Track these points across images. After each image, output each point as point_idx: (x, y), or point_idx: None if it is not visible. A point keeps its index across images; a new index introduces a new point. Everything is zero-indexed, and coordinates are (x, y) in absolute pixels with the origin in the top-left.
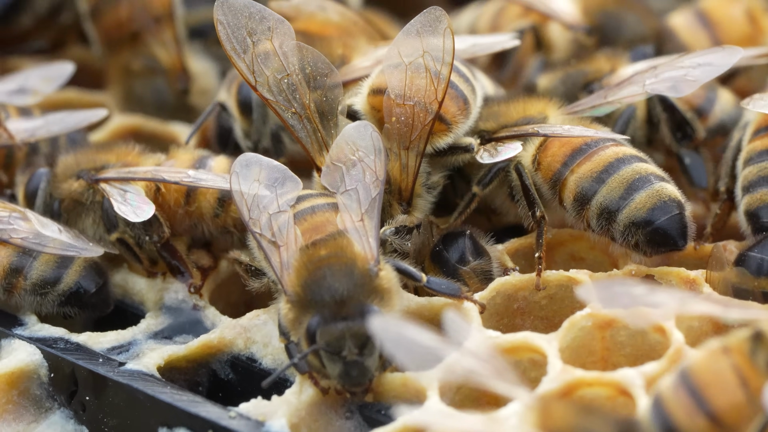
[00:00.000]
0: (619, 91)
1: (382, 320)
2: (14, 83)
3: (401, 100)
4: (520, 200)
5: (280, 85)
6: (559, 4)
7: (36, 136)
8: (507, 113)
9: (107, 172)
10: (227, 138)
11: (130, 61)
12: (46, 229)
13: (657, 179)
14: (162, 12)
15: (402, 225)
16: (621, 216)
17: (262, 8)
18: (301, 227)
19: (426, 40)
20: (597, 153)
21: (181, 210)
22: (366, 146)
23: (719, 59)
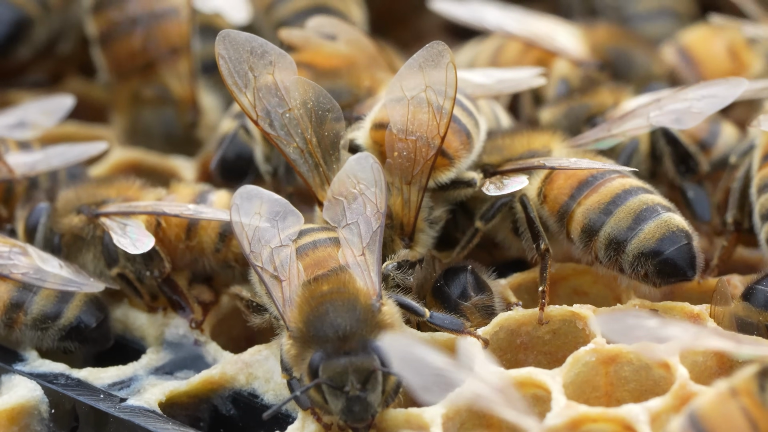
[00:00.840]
0: (623, 124)
1: (393, 338)
2: (14, 117)
3: (403, 134)
4: (525, 233)
5: (281, 119)
6: (564, 41)
7: (36, 170)
8: (511, 147)
9: (108, 206)
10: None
11: (141, 90)
12: (47, 264)
13: (664, 209)
14: (179, 44)
15: (404, 260)
16: (630, 247)
17: (264, 42)
18: (303, 262)
19: (428, 74)
20: (603, 185)
21: (182, 245)
22: (366, 178)
23: (724, 91)
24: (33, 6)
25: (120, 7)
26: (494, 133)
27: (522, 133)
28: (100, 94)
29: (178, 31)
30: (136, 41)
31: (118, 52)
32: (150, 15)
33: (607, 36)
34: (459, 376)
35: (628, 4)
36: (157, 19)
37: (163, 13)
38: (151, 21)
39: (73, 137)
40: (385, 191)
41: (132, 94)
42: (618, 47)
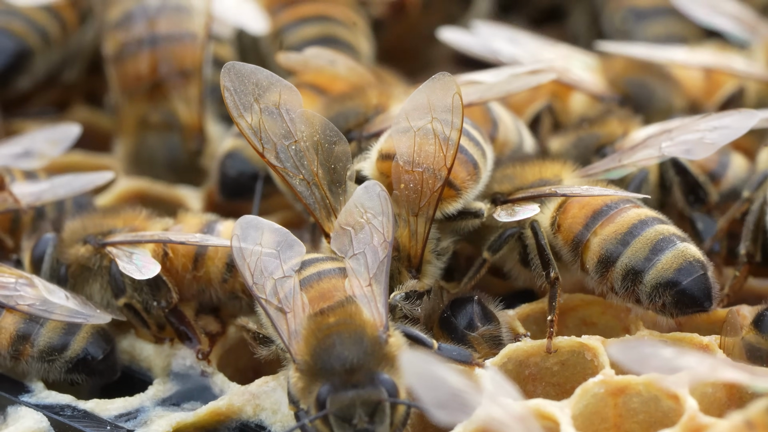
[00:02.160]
0: (634, 155)
1: (411, 354)
2: (20, 146)
3: (410, 166)
4: (534, 260)
5: (287, 151)
6: (581, 73)
7: (42, 200)
8: (522, 175)
9: (114, 236)
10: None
11: (148, 114)
12: (53, 295)
13: (680, 240)
14: (191, 67)
15: (412, 290)
16: (647, 277)
17: (270, 74)
18: (308, 294)
19: (435, 105)
20: (619, 214)
21: (189, 275)
22: (374, 207)
23: (736, 122)
24: (33, 37)
25: (138, 26)
26: (505, 161)
27: (533, 162)
28: (107, 123)
29: (192, 55)
30: (149, 61)
31: (130, 70)
32: (167, 36)
33: (625, 67)
34: (476, 398)
35: (636, 29)
36: (173, 41)
37: (180, 36)
38: (167, 42)
39: (79, 166)
40: (392, 220)
41: (139, 118)
42: (637, 79)
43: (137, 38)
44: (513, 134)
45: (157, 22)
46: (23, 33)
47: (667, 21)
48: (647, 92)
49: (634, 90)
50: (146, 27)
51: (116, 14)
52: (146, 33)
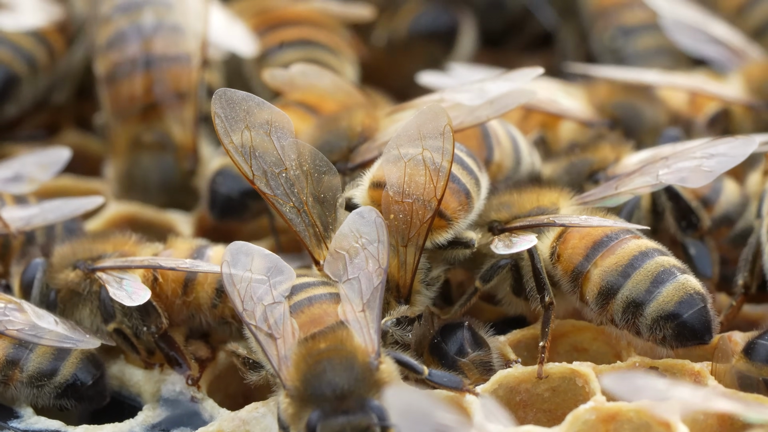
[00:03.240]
0: (631, 182)
1: (396, 390)
2: (9, 170)
3: (400, 197)
4: (529, 282)
5: (277, 179)
6: (568, 103)
7: (32, 225)
8: (519, 203)
9: (104, 261)
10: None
11: (141, 134)
12: (42, 320)
13: (680, 272)
14: (187, 89)
15: (403, 316)
16: (648, 310)
17: (261, 101)
18: (299, 319)
19: (425, 135)
20: (620, 246)
21: (178, 300)
22: (369, 233)
23: (734, 150)
24: (20, 65)
25: (132, 46)
26: (502, 188)
27: (530, 189)
28: (97, 147)
29: (187, 76)
30: (144, 82)
31: (124, 91)
32: (162, 57)
33: (609, 92)
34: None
35: (626, 44)
36: (168, 62)
37: (176, 57)
38: (163, 63)
39: (69, 191)
40: (387, 247)
41: (131, 139)
42: (624, 102)
43: (131, 59)
44: (509, 158)
45: (152, 42)
46: (9, 60)
47: (655, 35)
48: (636, 114)
49: (622, 113)
50: (141, 47)
51: (109, 34)
52: (141, 53)
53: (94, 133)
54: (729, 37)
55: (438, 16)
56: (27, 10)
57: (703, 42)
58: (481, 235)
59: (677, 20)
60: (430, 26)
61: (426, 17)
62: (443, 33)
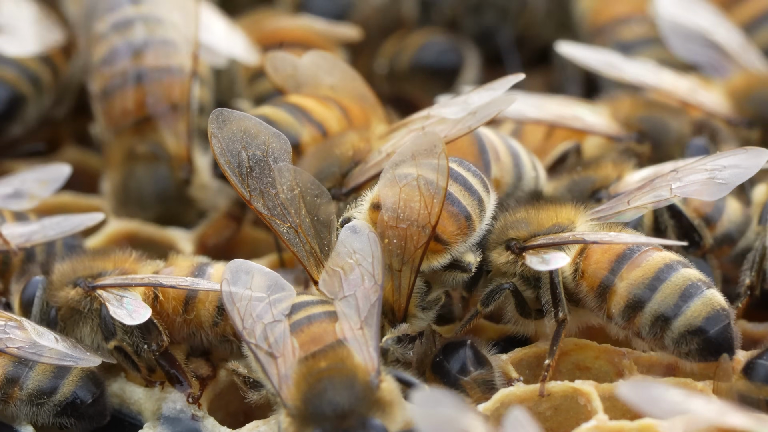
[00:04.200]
0: (644, 196)
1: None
2: (10, 187)
3: (394, 222)
4: (545, 295)
5: (274, 200)
6: (594, 119)
7: (32, 241)
8: (538, 220)
9: (104, 279)
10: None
11: (135, 145)
12: (43, 338)
13: (706, 286)
14: (180, 101)
15: (404, 334)
16: (676, 324)
17: (258, 122)
18: (299, 338)
19: (421, 161)
20: (643, 258)
21: (179, 318)
22: (363, 249)
23: (746, 161)
24: (25, 85)
25: (123, 61)
26: (517, 205)
27: (546, 206)
28: (97, 163)
29: (180, 88)
30: (136, 96)
31: (117, 106)
32: (154, 71)
33: (632, 107)
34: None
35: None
36: (160, 75)
37: (168, 70)
38: (154, 77)
39: (68, 208)
40: (382, 263)
41: (126, 151)
42: (649, 116)
43: (123, 73)
44: (509, 174)
45: (143, 56)
46: (15, 81)
47: (653, 49)
48: (662, 126)
49: (649, 126)
50: (132, 62)
51: (103, 52)
52: (132, 68)
53: (93, 149)
54: (728, 42)
55: (443, 52)
56: (30, 36)
57: (697, 46)
58: (498, 254)
59: (674, 22)
60: (434, 62)
61: (430, 52)
62: (447, 70)
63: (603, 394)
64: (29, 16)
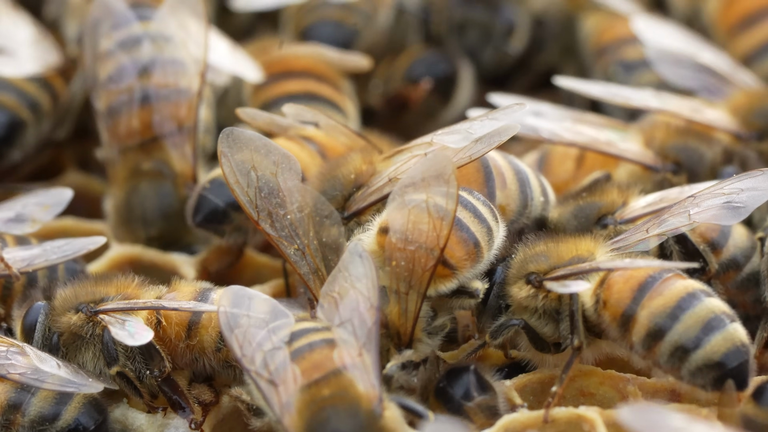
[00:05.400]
0: (663, 223)
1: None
2: (11, 211)
3: (402, 244)
4: (564, 321)
5: (282, 221)
6: (628, 146)
7: (34, 265)
8: (557, 253)
9: (107, 304)
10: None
11: (141, 163)
12: (45, 364)
13: (729, 319)
14: (187, 121)
15: (408, 360)
16: (695, 356)
17: (268, 142)
18: (301, 366)
19: (431, 183)
20: (666, 286)
21: (182, 344)
22: (357, 272)
23: (763, 183)
24: (25, 111)
25: (130, 80)
26: (535, 239)
27: (566, 239)
28: (99, 187)
29: (188, 108)
30: (143, 116)
31: (123, 126)
32: (161, 91)
33: (665, 135)
34: None
35: (627, 80)
36: (168, 95)
37: (176, 91)
38: (162, 97)
39: (70, 232)
40: (377, 284)
41: (131, 168)
42: (683, 145)
43: (129, 92)
44: (514, 201)
45: (151, 75)
46: (14, 106)
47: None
48: (697, 155)
49: (684, 156)
50: (139, 80)
51: (109, 70)
52: (139, 86)
53: (95, 173)
54: (717, 64)
55: (435, 63)
56: (27, 56)
57: (689, 71)
58: (519, 288)
59: (662, 50)
60: (427, 73)
61: (422, 65)
62: (440, 82)
63: (607, 421)
64: (26, 37)
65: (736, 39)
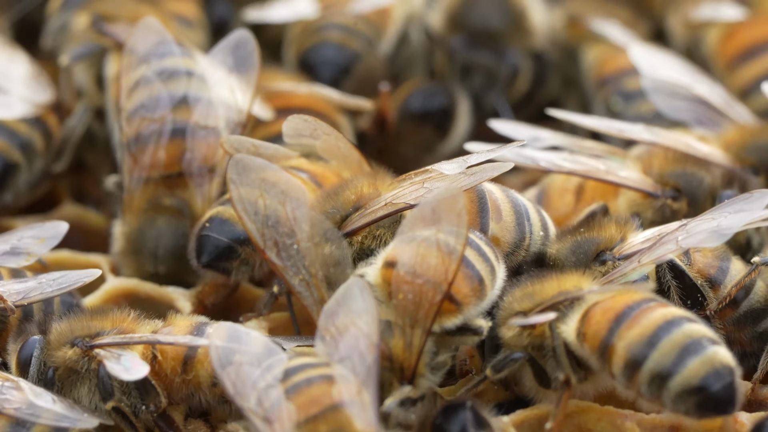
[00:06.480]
0: (652, 253)
1: None
2: (7, 244)
3: (410, 277)
4: (550, 361)
5: (289, 250)
6: (628, 174)
7: (29, 299)
8: (542, 292)
9: (102, 338)
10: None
11: (161, 197)
12: (40, 399)
13: (710, 342)
14: (218, 164)
15: (406, 397)
16: (674, 382)
17: (277, 170)
18: (296, 401)
19: (441, 217)
20: (644, 315)
21: (178, 378)
22: (357, 307)
23: (749, 204)
24: (15, 152)
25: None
26: (523, 280)
27: (551, 276)
28: (96, 220)
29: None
30: (173, 149)
31: (150, 154)
32: (200, 128)
33: (664, 162)
34: None
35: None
36: (207, 134)
37: (214, 131)
38: (200, 135)
39: (66, 265)
40: (377, 320)
41: (150, 199)
42: (682, 171)
43: (161, 122)
44: (509, 233)
45: (188, 111)
46: (5, 149)
47: None
48: (697, 182)
49: (684, 182)
50: (172, 113)
51: (142, 96)
52: (171, 119)
53: (92, 206)
54: (712, 97)
55: (432, 95)
56: (18, 97)
57: (683, 102)
58: (507, 329)
59: (657, 80)
60: (422, 107)
61: (419, 97)
62: (438, 114)
63: None
64: (21, 75)
65: (734, 71)
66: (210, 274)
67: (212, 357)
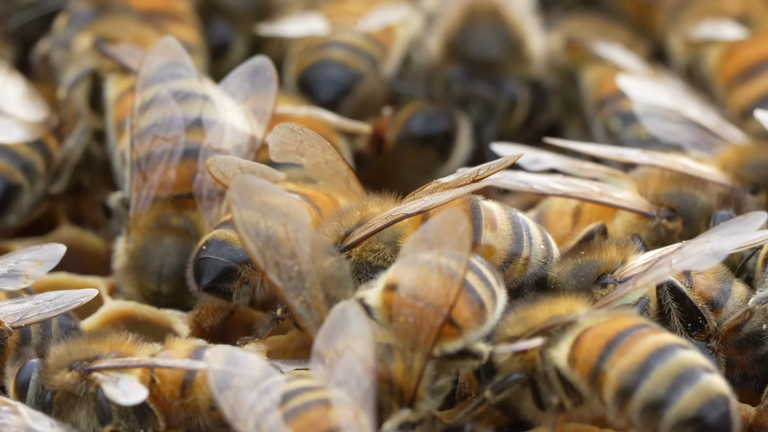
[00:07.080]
0: (647, 276)
1: None
2: (4, 266)
3: (411, 300)
4: (543, 386)
5: (290, 271)
6: (623, 195)
7: (26, 320)
8: (534, 316)
9: (100, 362)
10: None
11: (169, 216)
12: (38, 423)
13: (703, 371)
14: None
15: (406, 420)
16: (668, 414)
17: (279, 190)
18: (294, 426)
19: (443, 240)
20: (636, 343)
21: (176, 402)
22: (352, 331)
23: (744, 226)
24: (18, 173)
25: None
26: (517, 305)
27: (543, 301)
28: (93, 242)
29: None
30: (185, 170)
31: (161, 173)
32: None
33: (660, 183)
34: None
35: (625, 130)
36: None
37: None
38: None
39: (64, 287)
40: (373, 344)
41: (157, 218)
42: (678, 192)
43: (174, 144)
44: (505, 242)
45: (204, 134)
46: (8, 171)
47: None
48: (692, 202)
49: (679, 203)
50: (186, 135)
51: (156, 116)
52: (184, 140)
53: (89, 228)
54: (704, 120)
55: (433, 119)
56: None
57: (676, 126)
58: (499, 354)
59: (649, 104)
60: (424, 131)
61: (420, 119)
62: (439, 138)
63: None
64: (14, 96)
65: (734, 91)
66: (210, 298)
67: (210, 381)
